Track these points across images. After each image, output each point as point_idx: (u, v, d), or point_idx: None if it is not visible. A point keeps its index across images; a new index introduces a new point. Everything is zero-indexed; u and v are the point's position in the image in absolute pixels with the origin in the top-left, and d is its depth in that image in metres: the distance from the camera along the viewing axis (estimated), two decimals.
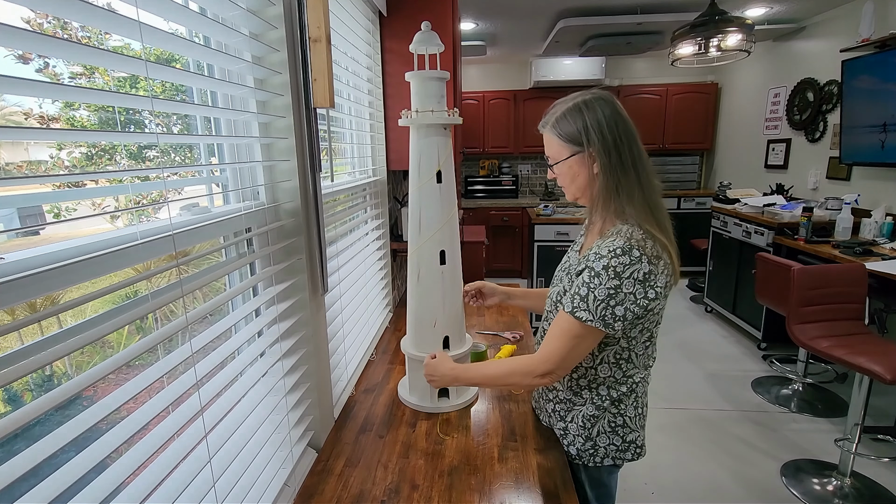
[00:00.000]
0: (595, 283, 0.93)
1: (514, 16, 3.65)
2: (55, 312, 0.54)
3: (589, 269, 0.95)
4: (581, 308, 0.95)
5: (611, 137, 0.95)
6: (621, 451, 1.09)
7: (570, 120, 0.98)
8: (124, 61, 0.66)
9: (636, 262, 0.91)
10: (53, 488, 0.51)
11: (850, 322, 2.29)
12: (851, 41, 3.23)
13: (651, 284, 0.92)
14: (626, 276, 0.91)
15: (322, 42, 1.06)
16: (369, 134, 1.99)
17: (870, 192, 3.33)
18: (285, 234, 1.10)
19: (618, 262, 0.91)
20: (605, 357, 1.05)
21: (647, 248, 0.92)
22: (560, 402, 1.14)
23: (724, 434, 2.53)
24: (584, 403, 1.09)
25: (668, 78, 5.28)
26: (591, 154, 0.97)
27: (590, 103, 0.97)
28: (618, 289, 0.91)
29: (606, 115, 0.95)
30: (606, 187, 0.96)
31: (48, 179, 0.59)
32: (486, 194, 5.56)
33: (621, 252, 0.91)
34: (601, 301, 0.93)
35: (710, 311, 4.22)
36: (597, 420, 1.08)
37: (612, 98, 0.98)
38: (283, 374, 1.08)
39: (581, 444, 1.10)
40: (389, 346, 1.86)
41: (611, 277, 0.91)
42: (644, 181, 0.96)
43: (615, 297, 0.92)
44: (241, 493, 0.89)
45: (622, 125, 0.96)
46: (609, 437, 1.08)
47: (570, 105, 0.99)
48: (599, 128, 0.95)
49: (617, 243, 0.92)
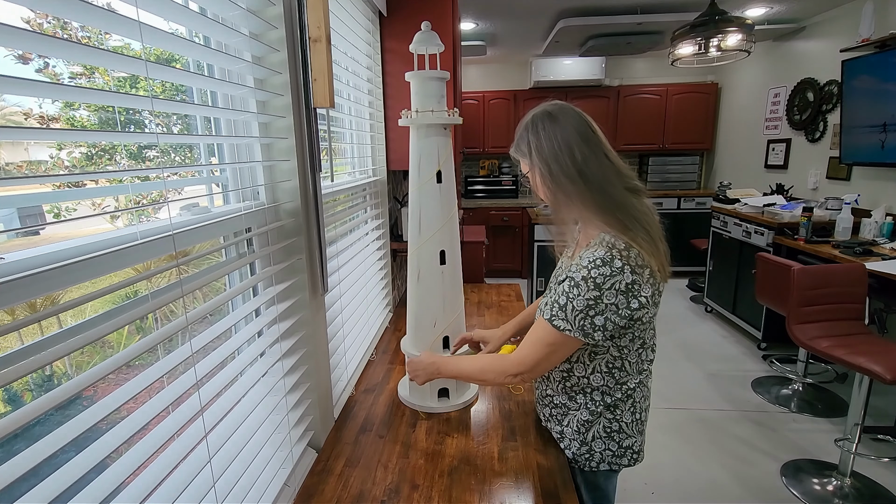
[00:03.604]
0: (574, 294, 0.93)
1: (514, 16, 3.65)
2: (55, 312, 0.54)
3: (569, 278, 0.95)
4: (559, 317, 0.96)
5: (547, 148, 0.98)
6: (617, 457, 1.08)
7: (521, 135, 1.04)
8: (124, 61, 0.66)
9: (618, 273, 0.90)
10: (53, 488, 0.51)
11: (850, 322, 2.29)
12: (851, 41, 3.23)
13: (634, 294, 0.92)
14: (607, 288, 0.91)
15: (322, 42, 1.06)
16: (369, 134, 1.99)
17: (870, 192, 3.33)
18: (285, 234, 1.10)
19: (598, 272, 0.91)
20: (597, 366, 1.04)
21: (631, 258, 0.92)
22: (555, 406, 1.14)
23: (724, 434, 2.53)
24: (578, 408, 1.09)
25: (668, 78, 5.28)
26: (533, 167, 1.03)
27: (536, 118, 1.02)
28: (598, 300, 0.91)
29: (546, 131, 0.99)
30: (555, 194, 1.01)
31: (48, 179, 0.59)
32: (486, 194, 5.56)
33: (601, 263, 0.91)
34: (579, 312, 0.93)
35: (710, 311, 4.22)
36: (591, 425, 1.08)
37: (555, 108, 1.01)
38: (283, 374, 1.08)
39: (577, 449, 1.10)
40: (389, 346, 1.86)
41: (590, 288, 0.91)
42: (595, 185, 0.97)
43: (594, 308, 0.92)
44: (240, 493, 0.89)
45: (558, 134, 0.98)
46: (605, 442, 1.08)
47: (524, 122, 1.05)
48: (538, 143, 1.00)
49: (598, 254, 0.92)
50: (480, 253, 2.87)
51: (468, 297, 2.41)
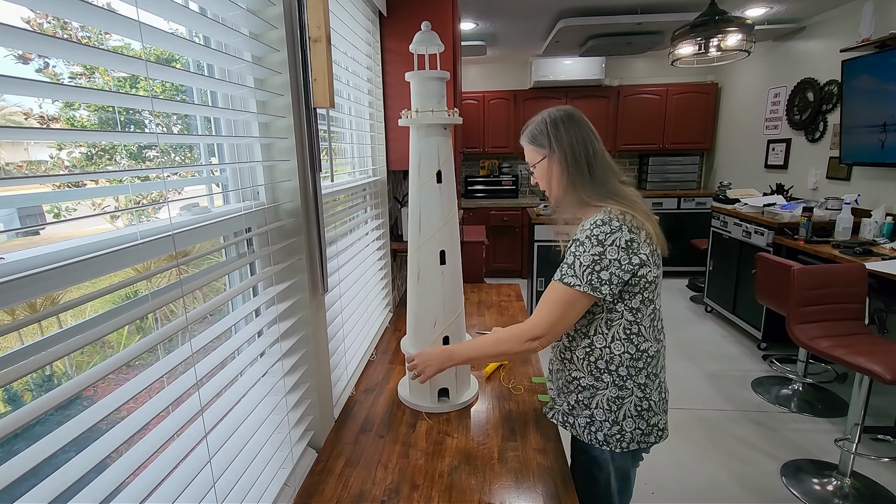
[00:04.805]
0: (580, 251, 1.04)
1: (514, 16, 3.65)
2: (55, 312, 0.54)
3: (574, 240, 1.06)
4: (568, 275, 1.05)
5: (567, 141, 1.13)
6: (646, 435, 1.14)
7: (536, 129, 1.18)
8: (124, 61, 0.66)
9: (616, 231, 1.02)
10: (53, 488, 0.51)
11: (850, 322, 2.28)
12: (851, 41, 3.23)
13: (634, 251, 1.03)
14: (609, 244, 1.02)
15: (322, 42, 1.06)
16: (369, 134, 1.99)
17: (870, 192, 3.33)
18: (285, 234, 1.10)
19: (599, 230, 1.03)
20: (616, 334, 1.10)
21: (626, 220, 1.04)
22: (583, 389, 1.15)
23: (724, 434, 2.53)
24: (606, 387, 1.12)
25: (668, 78, 5.27)
26: (552, 156, 1.15)
27: (552, 114, 1.17)
28: (602, 255, 1.02)
29: (563, 125, 1.14)
30: (566, 182, 1.14)
31: (48, 179, 0.59)
32: (486, 194, 5.55)
33: (601, 223, 1.03)
34: (586, 266, 1.03)
35: (710, 311, 4.22)
36: (623, 402, 1.11)
37: (571, 111, 1.18)
38: (283, 374, 1.08)
39: (608, 430, 1.13)
40: (389, 346, 1.86)
41: (594, 245, 1.02)
42: (599, 176, 1.12)
43: (600, 263, 1.02)
44: (240, 493, 0.89)
45: (573, 131, 1.14)
46: (635, 421, 1.12)
47: (539, 117, 1.19)
48: (556, 135, 1.14)
49: (597, 217, 1.05)
50: (480, 253, 2.87)
51: (468, 297, 2.41)
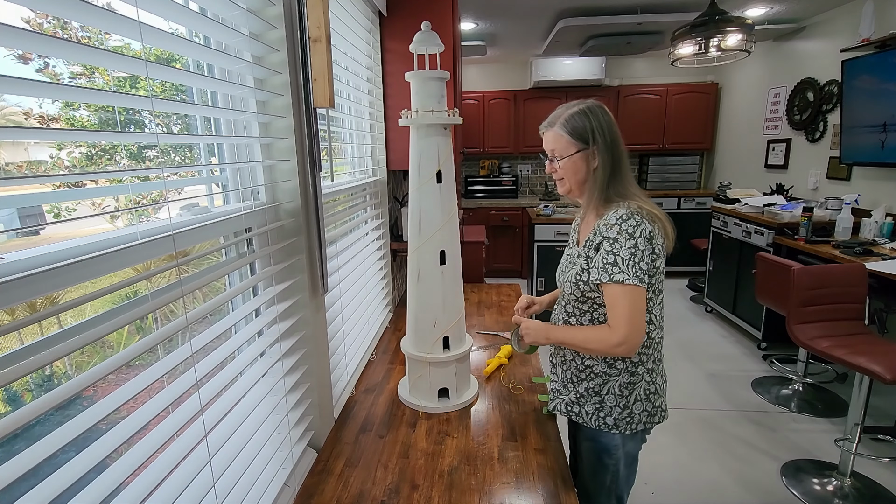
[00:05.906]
0: (617, 248, 1.05)
1: (514, 16, 3.65)
2: (55, 312, 0.54)
3: (605, 239, 1.07)
4: (616, 272, 1.05)
5: (609, 138, 1.12)
6: (651, 416, 1.17)
7: (578, 121, 1.14)
8: (124, 61, 0.66)
9: (640, 224, 1.05)
10: (53, 488, 0.51)
11: (851, 322, 2.28)
12: (851, 41, 3.23)
13: (655, 242, 1.06)
14: (638, 236, 1.04)
15: (322, 42, 1.06)
16: (369, 134, 1.99)
17: (870, 192, 3.33)
18: (285, 234, 1.10)
19: (626, 224, 1.05)
20: None
21: (643, 213, 1.07)
22: (595, 376, 1.17)
23: (724, 434, 2.53)
24: (619, 374, 1.15)
25: (668, 78, 5.27)
26: (594, 151, 1.13)
27: (593, 109, 1.15)
28: (635, 247, 1.04)
29: (605, 121, 1.13)
30: (602, 179, 1.13)
31: (48, 179, 0.59)
32: (486, 194, 5.55)
33: (626, 216, 1.06)
34: (628, 260, 1.04)
35: (710, 311, 4.22)
36: (634, 387, 1.15)
37: (602, 105, 1.18)
38: (283, 374, 1.08)
39: (618, 414, 1.16)
40: (389, 346, 1.86)
41: (626, 239, 1.05)
42: (625, 174, 1.14)
43: (636, 255, 1.04)
44: (241, 494, 0.89)
45: (613, 129, 1.14)
46: (643, 404, 1.16)
47: (576, 109, 1.15)
48: (601, 130, 1.12)
49: (619, 212, 1.07)
50: (480, 253, 2.87)
51: (468, 297, 2.41)
